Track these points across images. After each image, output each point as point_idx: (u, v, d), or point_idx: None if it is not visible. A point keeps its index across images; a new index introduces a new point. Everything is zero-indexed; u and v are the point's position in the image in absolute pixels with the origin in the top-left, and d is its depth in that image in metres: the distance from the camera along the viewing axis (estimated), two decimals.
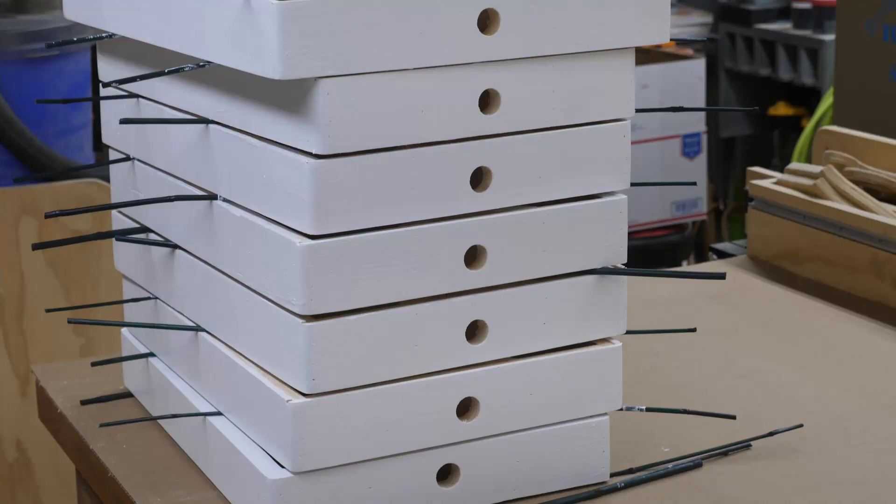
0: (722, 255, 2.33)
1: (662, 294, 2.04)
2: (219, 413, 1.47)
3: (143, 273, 1.63)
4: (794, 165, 2.19)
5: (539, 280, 1.40)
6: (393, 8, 1.26)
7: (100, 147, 3.64)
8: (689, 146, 5.12)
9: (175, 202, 1.47)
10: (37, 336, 2.77)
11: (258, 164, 1.34)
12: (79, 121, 3.43)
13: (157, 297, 1.61)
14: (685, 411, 1.57)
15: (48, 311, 1.63)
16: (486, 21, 1.31)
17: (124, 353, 1.71)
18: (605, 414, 1.45)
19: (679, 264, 5.13)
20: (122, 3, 1.50)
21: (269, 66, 1.24)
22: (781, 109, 5.62)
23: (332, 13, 1.24)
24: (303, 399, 1.31)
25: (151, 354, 1.64)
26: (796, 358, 1.83)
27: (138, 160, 1.60)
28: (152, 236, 1.58)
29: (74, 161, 3.36)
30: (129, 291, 1.69)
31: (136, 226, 1.61)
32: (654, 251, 5.07)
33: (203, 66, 1.34)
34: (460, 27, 1.29)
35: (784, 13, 5.54)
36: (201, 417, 1.49)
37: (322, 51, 1.24)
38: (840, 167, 2.15)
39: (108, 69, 1.63)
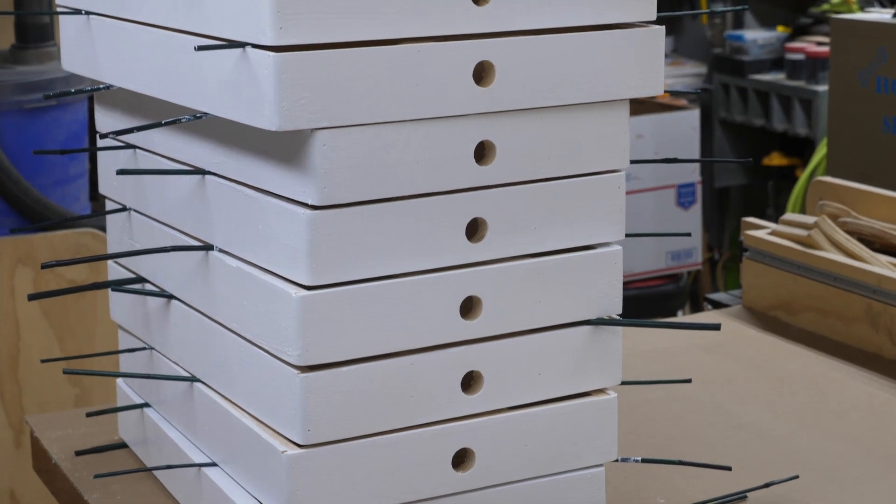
0: (717, 305, 2.33)
1: (657, 344, 2.05)
2: (214, 464, 1.47)
3: (138, 323, 1.63)
4: (788, 216, 2.19)
5: (534, 331, 1.40)
6: (389, 60, 1.27)
7: (96, 197, 3.65)
8: (683, 196, 5.14)
9: (171, 252, 1.47)
10: (31, 386, 2.76)
11: (254, 215, 1.34)
12: (75, 171, 3.44)
13: (152, 348, 1.61)
14: (681, 462, 1.56)
15: (43, 361, 1.63)
16: (482, 73, 1.32)
17: (119, 404, 1.70)
18: (601, 465, 1.45)
19: (674, 314, 5.13)
20: (119, 55, 1.51)
21: (266, 118, 1.24)
22: (776, 159, 5.64)
23: (329, 65, 1.24)
24: (298, 450, 1.31)
25: (146, 405, 1.64)
26: (791, 408, 1.83)
27: (135, 210, 1.60)
28: (148, 286, 1.58)
29: (71, 211, 3.37)
30: (124, 341, 1.69)
31: (132, 276, 1.61)
32: (649, 301, 5.07)
33: (200, 117, 1.35)
34: (456, 79, 1.30)
35: (778, 64, 5.57)
36: (196, 468, 1.48)
37: (318, 102, 1.24)
38: (834, 218, 2.16)
39: (106, 120, 1.64)
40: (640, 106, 4.99)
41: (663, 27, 1.39)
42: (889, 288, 1.97)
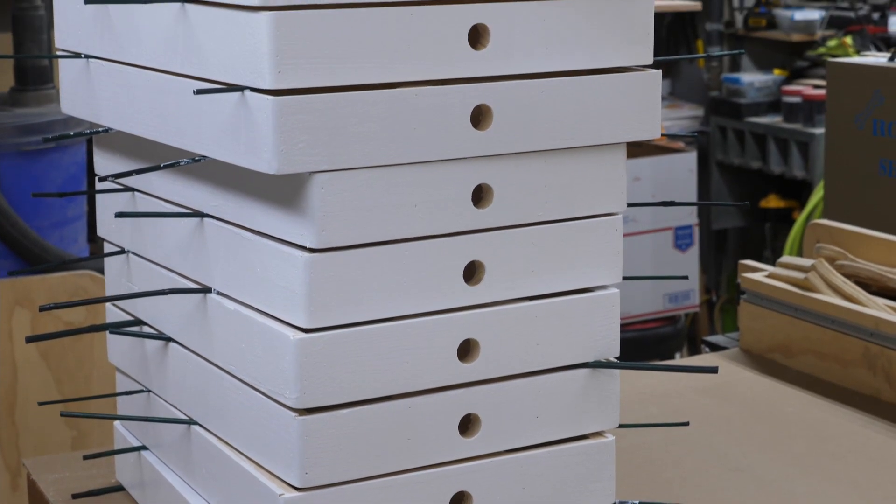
0: (714, 347, 2.33)
1: (655, 387, 2.04)
2: None
3: (136, 366, 1.63)
4: (785, 259, 2.20)
5: (532, 373, 1.40)
6: (387, 104, 1.27)
7: (94, 238, 3.65)
8: (681, 238, 5.14)
9: (169, 295, 1.47)
10: (29, 428, 2.76)
11: (252, 258, 1.34)
12: (73, 213, 3.45)
13: (150, 390, 1.60)
14: None
15: (41, 403, 1.63)
16: (480, 117, 1.32)
17: (116, 446, 1.70)
18: None
19: (672, 356, 5.13)
20: (118, 98, 1.52)
21: (265, 161, 1.25)
22: (773, 202, 5.65)
23: (327, 109, 1.25)
24: (295, 493, 1.31)
25: (144, 448, 1.63)
26: (789, 451, 1.83)
27: (133, 253, 1.60)
28: (146, 329, 1.58)
29: (69, 253, 3.37)
30: (122, 384, 1.68)
31: (130, 318, 1.61)
32: (646, 343, 5.07)
33: (198, 160, 1.35)
34: (454, 123, 1.31)
35: (774, 107, 5.59)
36: None
37: (316, 146, 1.25)
38: (831, 261, 2.16)
39: (104, 163, 1.65)
40: (637, 148, 5.00)
41: (660, 71, 1.40)
42: (886, 331, 1.98)
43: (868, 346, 2.01)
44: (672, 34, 6.18)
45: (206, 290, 1.43)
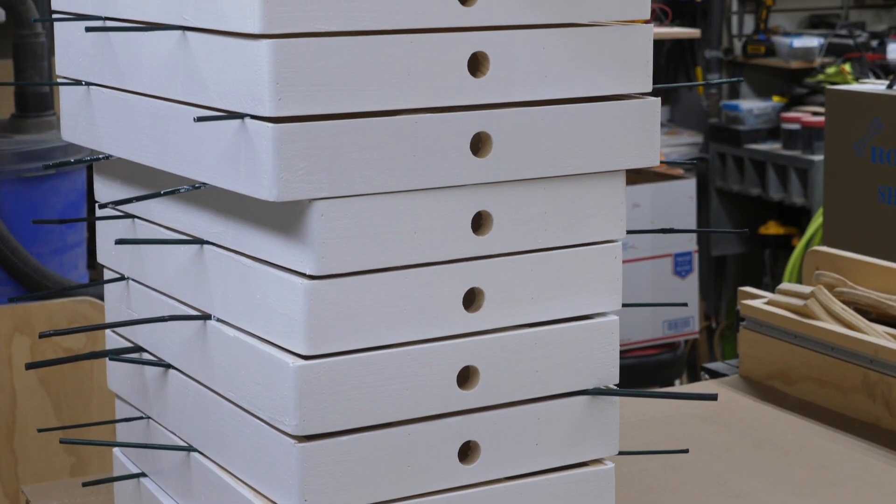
0: (714, 374, 2.33)
1: (655, 414, 2.04)
2: None
3: (135, 392, 1.63)
4: (784, 286, 2.20)
5: (531, 401, 1.40)
6: (387, 131, 1.28)
7: (94, 265, 3.65)
8: (680, 265, 5.14)
9: (169, 322, 1.47)
10: (28, 455, 2.75)
11: (252, 285, 1.34)
12: (73, 239, 3.45)
13: (149, 417, 1.60)
14: None
15: (40, 430, 1.63)
16: (479, 144, 1.33)
17: (116, 473, 1.70)
18: None
19: (672, 383, 5.12)
20: (119, 125, 1.52)
21: (265, 188, 1.25)
22: (772, 228, 5.66)
23: (327, 136, 1.25)
24: None
25: (143, 475, 1.63)
26: (789, 479, 1.82)
27: (133, 280, 1.60)
28: (146, 356, 1.58)
29: (69, 279, 3.37)
30: (121, 411, 1.68)
31: (130, 345, 1.61)
32: (646, 370, 5.07)
33: (198, 187, 1.36)
34: (453, 150, 1.31)
35: (773, 133, 5.60)
36: None
37: (316, 173, 1.25)
38: (830, 288, 2.17)
39: (105, 190, 1.65)
40: (636, 175, 5.01)
41: (658, 99, 1.40)
42: (886, 358, 1.98)
43: (867, 373, 2.01)
44: (671, 61, 6.19)
45: (205, 316, 1.43)
